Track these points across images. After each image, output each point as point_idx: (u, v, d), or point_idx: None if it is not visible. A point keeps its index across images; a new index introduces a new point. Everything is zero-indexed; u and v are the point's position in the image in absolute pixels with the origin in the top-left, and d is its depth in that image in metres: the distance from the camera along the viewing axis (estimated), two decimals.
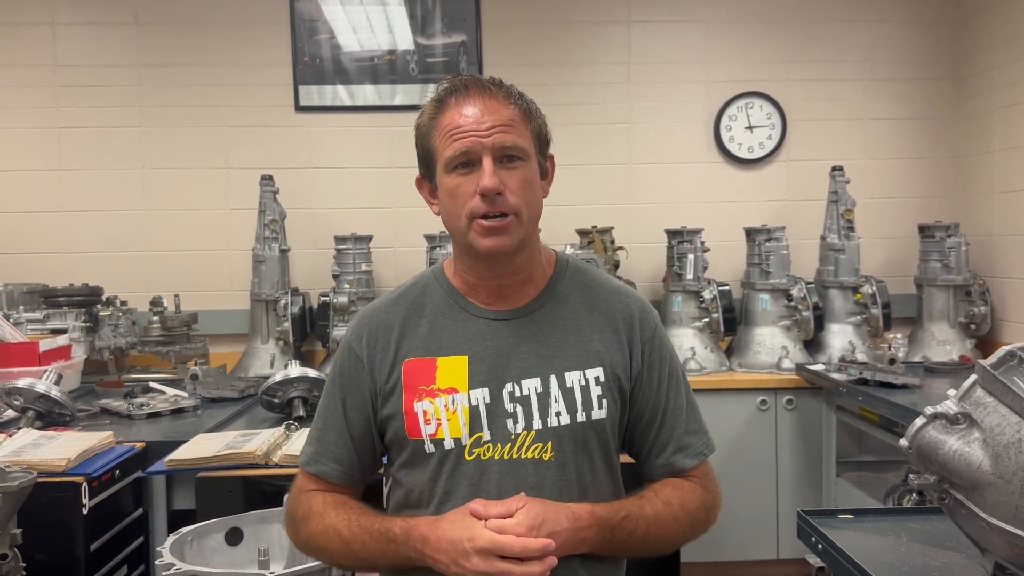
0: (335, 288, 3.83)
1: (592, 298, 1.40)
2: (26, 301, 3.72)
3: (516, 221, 1.28)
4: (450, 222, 1.33)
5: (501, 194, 1.26)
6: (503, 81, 1.33)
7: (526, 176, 1.30)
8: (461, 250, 1.36)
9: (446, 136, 1.29)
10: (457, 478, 1.31)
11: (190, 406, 3.04)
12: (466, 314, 1.36)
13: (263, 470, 2.23)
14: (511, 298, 1.37)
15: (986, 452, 1.25)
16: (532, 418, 1.31)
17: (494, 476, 1.29)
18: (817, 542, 1.58)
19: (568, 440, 1.32)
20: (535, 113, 1.34)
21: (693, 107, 4.19)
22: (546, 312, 1.37)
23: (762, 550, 3.63)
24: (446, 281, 1.40)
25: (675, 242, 3.90)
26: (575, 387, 1.32)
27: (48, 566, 2.10)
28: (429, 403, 1.32)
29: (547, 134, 1.37)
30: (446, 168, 1.30)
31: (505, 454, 1.30)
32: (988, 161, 3.98)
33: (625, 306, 1.40)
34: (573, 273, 1.42)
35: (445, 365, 1.33)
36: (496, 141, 1.27)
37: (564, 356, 1.34)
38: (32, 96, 4.02)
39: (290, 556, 1.95)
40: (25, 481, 1.81)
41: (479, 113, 1.28)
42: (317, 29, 4.06)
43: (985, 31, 4.00)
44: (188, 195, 4.08)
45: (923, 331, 3.93)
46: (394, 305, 1.41)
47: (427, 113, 1.34)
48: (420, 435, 1.32)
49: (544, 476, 1.30)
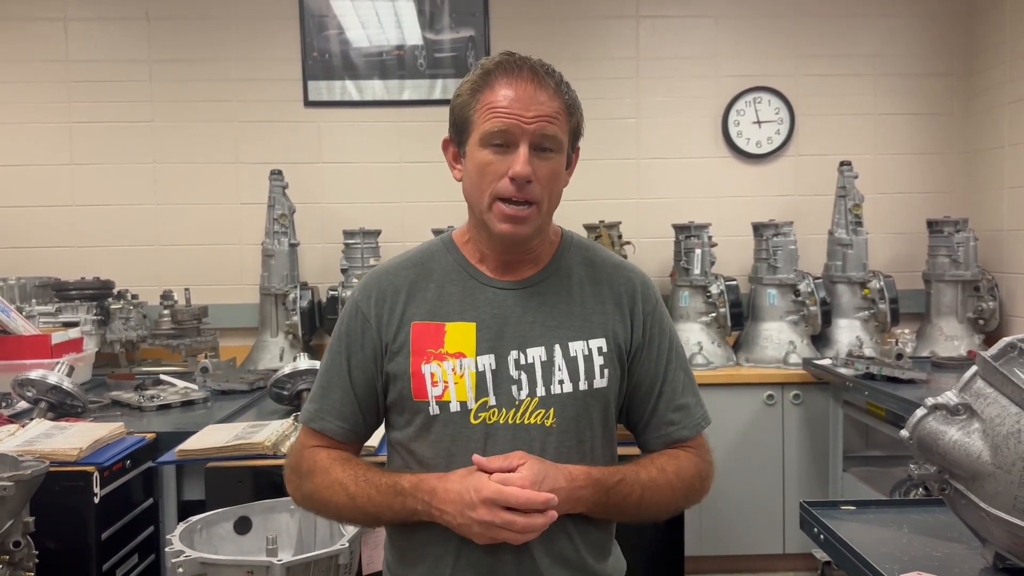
0: (344, 282, 3.86)
1: (595, 272, 1.43)
2: (38, 294, 3.75)
3: (536, 211, 1.31)
4: (472, 194, 1.35)
5: (530, 182, 1.29)
6: (555, 70, 1.34)
7: (555, 168, 1.32)
8: (477, 222, 1.38)
9: (488, 110, 1.29)
10: (462, 441, 1.32)
11: (200, 398, 3.07)
12: (474, 282, 1.39)
13: (272, 460, 2.25)
14: (519, 270, 1.40)
15: (986, 442, 1.25)
16: (536, 385, 1.33)
17: (499, 440, 1.32)
18: (819, 533, 1.59)
19: (571, 407, 1.34)
20: (577, 108, 1.36)
21: (701, 102, 4.19)
22: (551, 284, 1.40)
23: (768, 544, 3.63)
24: (456, 249, 1.42)
25: (682, 237, 3.90)
26: (578, 356, 1.35)
27: (60, 554, 2.13)
28: (437, 366, 1.34)
29: (582, 129, 1.39)
30: (481, 142, 1.30)
31: (510, 419, 1.33)
32: (997, 157, 3.97)
33: (628, 280, 1.43)
34: (577, 248, 1.45)
35: (453, 330, 1.35)
36: (537, 129, 1.28)
37: (568, 326, 1.37)
38: (44, 91, 4.06)
39: (298, 544, 1.97)
40: (38, 470, 1.84)
41: (527, 98, 1.28)
42: (326, 24, 4.08)
43: (995, 26, 3.99)
44: (198, 190, 4.11)
45: (931, 326, 3.93)
46: (402, 268, 1.42)
47: (472, 83, 1.33)
48: (426, 396, 1.34)
49: (547, 441, 1.33)
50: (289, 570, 1.68)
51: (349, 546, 1.75)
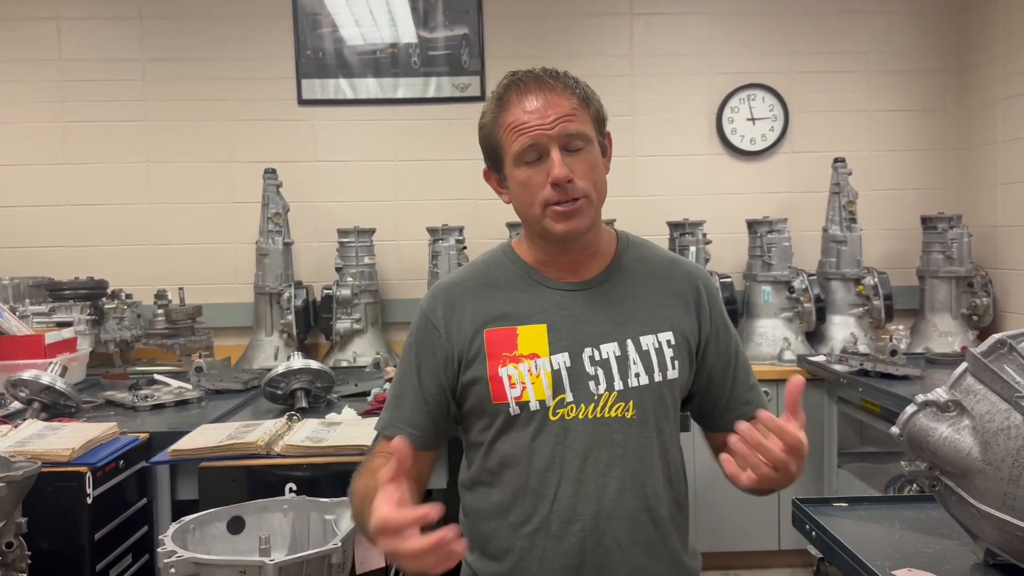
0: (338, 281, 3.85)
1: (654, 268, 1.48)
2: (32, 294, 3.74)
3: (587, 203, 1.35)
4: (524, 211, 1.40)
5: (571, 181, 1.33)
6: (559, 71, 1.38)
7: (591, 159, 1.36)
8: (534, 234, 1.43)
9: (512, 132, 1.35)
10: (543, 438, 1.36)
11: (194, 398, 3.06)
12: (540, 287, 1.43)
13: (265, 460, 2.25)
14: (581, 271, 1.44)
15: (976, 439, 1.26)
16: (613, 379, 1.38)
17: (579, 435, 1.36)
18: (811, 529, 1.60)
19: (648, 399, 1.39)
20: (592, 97, 1.39)
21: (695, 99, 4.19)
22: (615, 283, 1.44)
23: (764, 540, 3.64)
24: (517, 258, 1.47)
25: (677, 234, 3.90)
26: (650, 350, 1.40)
27: (53, 555, 2.12)
28: (513, 368, 1.38)
29: (604, 114, 1.42)
30: (515, 162, 1.36)
31: (589, 413, 1.36)
32: (991, 153, 3.98)
33: (688, 274, 1.49)
34: (634, 247, 1.51)
35: (525, 333, 1.39)
36: (560, 130, 1.32)
37: (637, 322, 1.41)
38: (37, 91, 4.05)
39: (291, 544, 1.97)
40: (30, 471, 1.83)
41: (542, 107, 1.33)
42: (319, 23, 4.08)
43: (988, 22, 3.99)
44: (192, 189, 4.10)
45: (925, 323, 3.93)
46: (468, 279, 1.47)
47: (490, 111, 1.39)
48: (506, 398, 1.37)
49: (628, 434, 1.37)
50: (282, 570, 1.67)
51: (342, 545, 1.75)
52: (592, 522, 1.34)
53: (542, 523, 1.36)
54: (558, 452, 1.36)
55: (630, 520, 1.35)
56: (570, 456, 1.35)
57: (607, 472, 1.35)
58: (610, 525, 1.34)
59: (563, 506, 1.35)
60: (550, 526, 1.35)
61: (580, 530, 1.34)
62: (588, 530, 1.34)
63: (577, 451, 1.35)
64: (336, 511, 1.96)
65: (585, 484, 1.35)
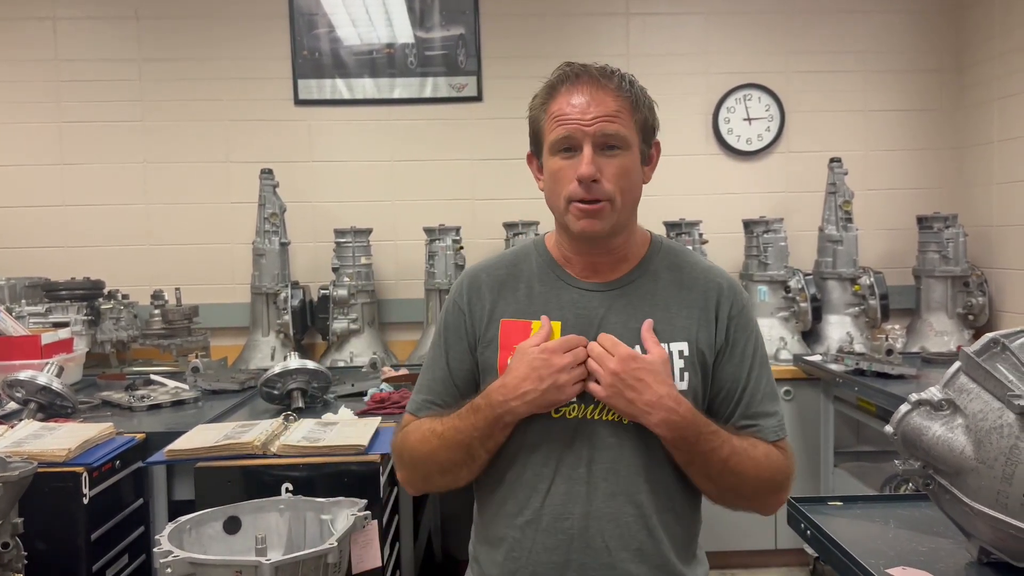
0: (335, 281, 3.86)
1: (683, 276, 1.45)
2: (28, 295, 3.74)
3: (609, 207, 1.35)
4: (551, 201, 1.41)
5: (597, 181, 1.33)
6: (615, 71, 1.37)
7: (624, 164, 1.36)
8: (559, 227, 1.44)
9: (552, 120, 1.36)
10: (543, 434, 1.37)
11: (191, 398, 3.06)
12: (561, 283, 1.44)
13: (261, 460, 2.25)
14: (604, 272, 1.44)
15: (969, 437, 1.26)
16: None
17: (578, 434, 1.37)
18: (806, 528, 1.60)
19: None
20: (642, 103, 1.38)
21: (691, 99, 4.20)
22: (637, 287, 1.43)
23: (760, 540, 3.64)
24: (545, 251, 1.48)
25: (673, 234, 3.91)
26: None
27: (49, 555, 2.12)
28: None
29: (653, 123, 1.42)
30: (551, 150, 1.37)
31: (589, 414, 1.37)
32: (987, 152, 3.99)
33: (715, 284, 1.45)
34: (666, 253, 1.49)
35: (539, 328, 1.40)
36: (597, 130, 1.33)
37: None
38: (34, 91, 4.05)
39: (288, 544, 1.97)
40: (26, 471, 1.83)
41: (586, 103, 1.33)
42: (316, 23, 4.08)
43: (984, 21, 4.00)
44: (189, 189, 4.10)
45: (921, 322, 3.94)
46: (495, 268, 1.49)
47: (540, 97, 1.40)
48: None
49: (626, 438, 1.36)
50: (278, 569, 1.67)
51: (338, 545, 1.75)
52: (582, 522, 1.35)
53: (534, 516, 1.37)
54: (556, 449, 1.37)
55: (620, 524, 1.35)
56: (567, 454, 1.36)
57: (601, 474, 1.35)
58: (599, 527, 1.34)
59: (555, 502, 1.36)
60: (541, 520, 1.36)
61: (569, 528, 1.35)
62: (577, 529, 1.35)
63: (574, 450, 1.36)
64: (332, 511, 1.95)
65: (578, 484, 1.35)
